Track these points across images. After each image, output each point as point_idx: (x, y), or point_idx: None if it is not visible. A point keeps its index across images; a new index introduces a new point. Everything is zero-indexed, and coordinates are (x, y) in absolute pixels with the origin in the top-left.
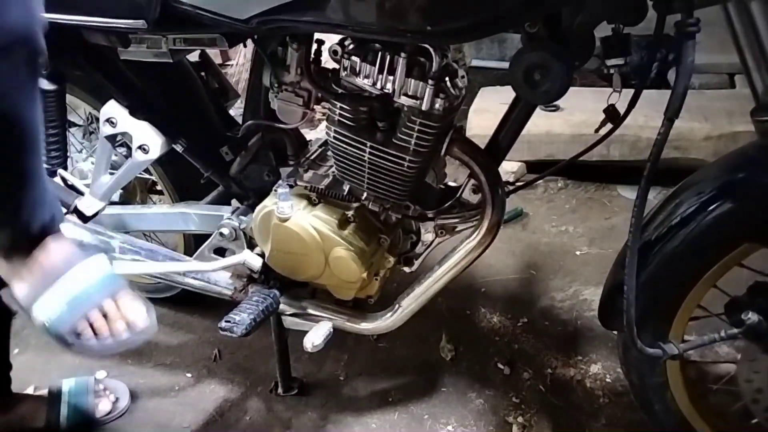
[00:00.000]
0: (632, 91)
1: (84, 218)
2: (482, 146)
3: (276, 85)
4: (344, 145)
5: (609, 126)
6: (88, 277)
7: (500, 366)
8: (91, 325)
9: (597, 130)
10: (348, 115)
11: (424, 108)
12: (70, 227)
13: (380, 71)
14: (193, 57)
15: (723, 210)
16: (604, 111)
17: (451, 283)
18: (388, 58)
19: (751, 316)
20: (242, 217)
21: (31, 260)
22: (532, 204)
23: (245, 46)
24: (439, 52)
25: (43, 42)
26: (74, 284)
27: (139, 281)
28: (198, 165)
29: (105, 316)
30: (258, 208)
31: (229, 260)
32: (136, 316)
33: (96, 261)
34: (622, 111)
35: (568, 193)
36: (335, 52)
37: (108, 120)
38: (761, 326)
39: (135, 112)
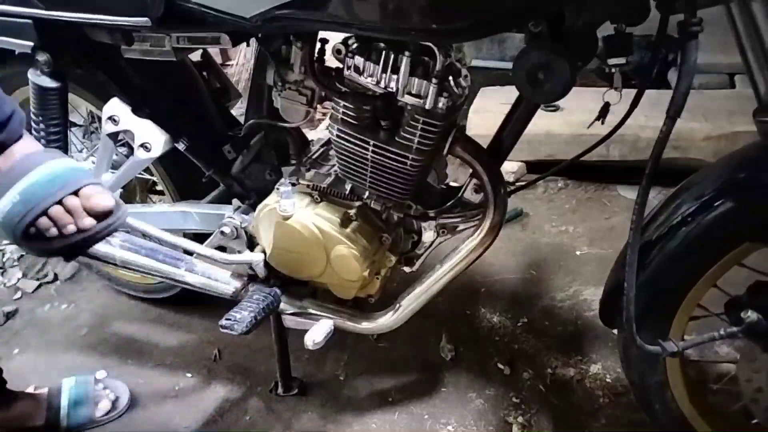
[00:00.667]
0: (633, 91)
1: None
2: (483, 146)
3: (279, 83)
4: (347, 144)
5: (609, 126)
6: (46, 171)
7: (500, 366)
8: (55, 222)
9: (588, 127)
10: (351, 113)
11: (427, 107)
12: None
13: (384, 70)
14: (195, 56)
15: (724, 209)
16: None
17: (451, 283)
18: (392, 56)
19: (751, 315)
20: (244, 216)
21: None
22: (532, 204)
23: (248, 44)
24: (443, 51)
25: None
26: (30, 178)
27: (138, 281)
28: (200, 164)
29: (70, 212)
30: (260, 206)
31: (240, 257)
32: (102, 206)
33: (58, 159)
34: (622, 112)
35: (568, 193)
36: (339, 51)
37: (110, 118)
38: (760, 325)
39: (137, 111)
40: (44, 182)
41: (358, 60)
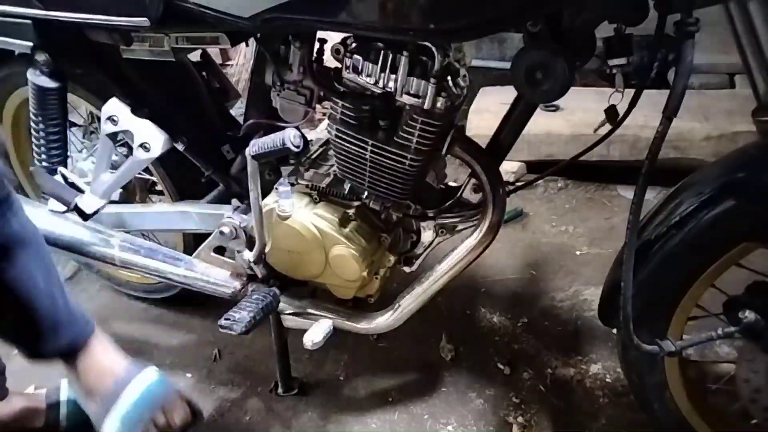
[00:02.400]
0: (632, 91)
1: (84, 216)
2: (482, 146)
3: (278, 83)
4: (346, 144)
5: (608, 126)
6: (137, 393)
7: (500, 366)
8: None
9: (596, 130)
10: (350, 113)
11: (425, 107)
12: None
13: (382, 70)
14: (195, 57)
15: (722, 209)
16: (605, 111)
17: (451, 283)
18: (391, 56)
19: (749, 315)
20: (243, 216)
21: (85, 372)
22: (532, 204)
23: (247, 44)
24: (441, 51)
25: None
26: (126, 402)
27: (138, 281)
28: (199, 164)
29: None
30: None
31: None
32: (183, 420)
33: (143, 375)
34: (622, 111)
35: (568, 193)
36: (337, 51)
37: (109, 118)
38: (758, 325)
39: (136, 111)
40: (137, 407)
41: (357, 60)
